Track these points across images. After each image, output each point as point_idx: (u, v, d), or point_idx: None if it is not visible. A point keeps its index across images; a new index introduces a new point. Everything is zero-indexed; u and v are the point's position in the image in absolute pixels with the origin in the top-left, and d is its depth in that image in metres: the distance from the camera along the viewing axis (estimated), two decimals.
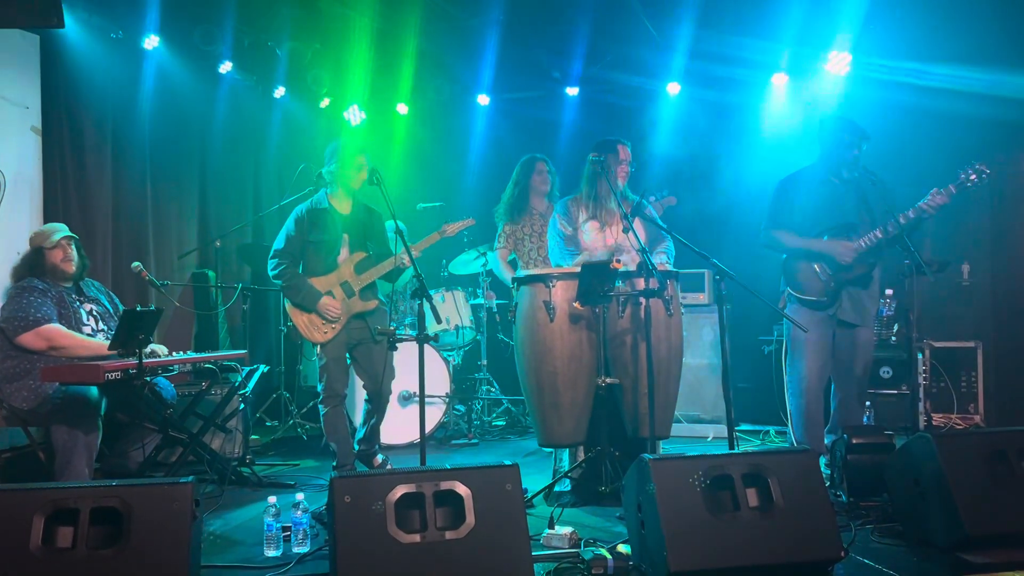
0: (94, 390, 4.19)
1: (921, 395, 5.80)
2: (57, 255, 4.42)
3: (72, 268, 4.47)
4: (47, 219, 5.25)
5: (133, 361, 4.01)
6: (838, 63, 6.49)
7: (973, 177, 4.22)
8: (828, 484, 4.19)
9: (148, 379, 4.21)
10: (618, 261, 3.94)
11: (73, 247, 4.49)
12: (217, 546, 3.64)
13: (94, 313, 4.55)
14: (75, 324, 4.36)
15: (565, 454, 4.51)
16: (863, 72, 6.42)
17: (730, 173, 6.90)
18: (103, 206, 5.76)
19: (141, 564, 2.69)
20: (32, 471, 4.47)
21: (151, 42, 5.94)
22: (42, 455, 4.42)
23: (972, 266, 6.51)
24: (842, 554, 3.01)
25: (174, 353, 4.62)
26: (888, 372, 5.95)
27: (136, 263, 5.00)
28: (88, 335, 4.38)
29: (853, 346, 4.64)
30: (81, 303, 4.52)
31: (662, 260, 4.49)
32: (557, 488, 4.30)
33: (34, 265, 4.41)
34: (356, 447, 4.93)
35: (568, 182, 5.79)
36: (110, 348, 4.15)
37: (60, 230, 4.48)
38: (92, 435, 4.18)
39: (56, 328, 4.22)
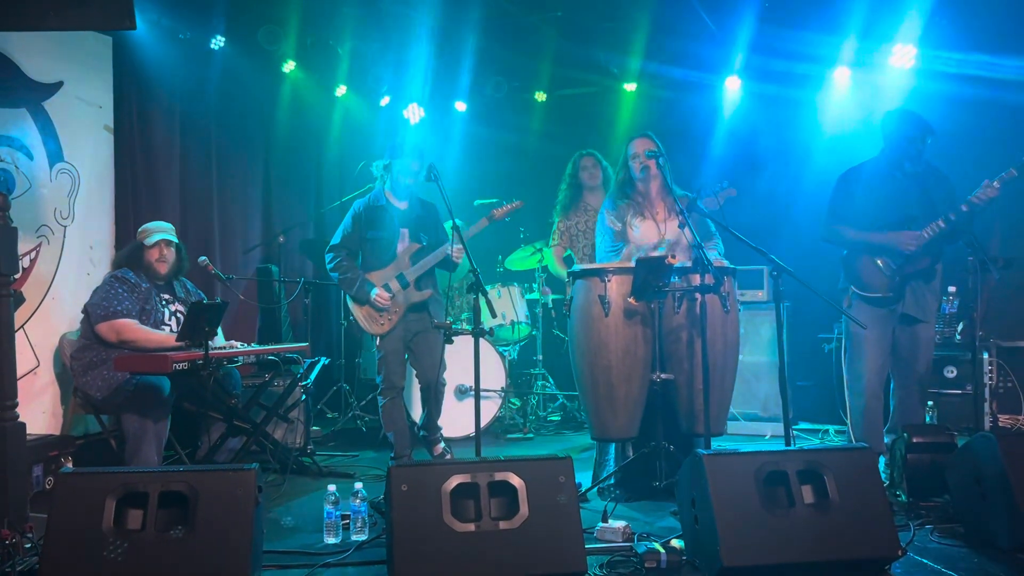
0: (164, 380, 4.34)
1: (987, 395, 5.66)
2: (153, 254, 4.64)
3: (164, 270, 4.67)
4: (118, 214, 5.44)
5: (200, 352, 4.15)
6: (903, 56, 6.35)
7: None
8: (888, 483, 4.15)
9: (213, 368, 4.34)
10: (673, 256, 3.93)
11: (173, 250, 4.70)
12: (278, 532, 3.74)
13: (177, 315, 4.72)
14: (154, 323, 4.54)
15: (611, 448, 4.51)
16: (929, 65, 6.27)
17: (790, 168, 6.81)
18: (171, 202, 5.93)
19: (206, 546, 2.79)
20: (104, 457, 4.65)
21: (217, 42, 6.10)
22: (113, 442, 4.60)
23: None
24: (900, 553, 2.97)
25: (238, 345, 4.76)
26: (952, 371, 5.82)
27: (203, 257, 5.16)
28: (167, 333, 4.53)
29: (914, 343, 4.56)
30: (167, 303, 4.70)
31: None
32: (611, 482, 4.31)
33: (132, 257, 4.65)
34: (421, 432, 5.05)
35: None
36: (177, 340, 4.29)
37: (162, 231, 4.69)
38: (161, 424, 4.33)
39: (128, 323, 4.38)
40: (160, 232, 4.66)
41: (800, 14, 6.32)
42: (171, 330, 4.60)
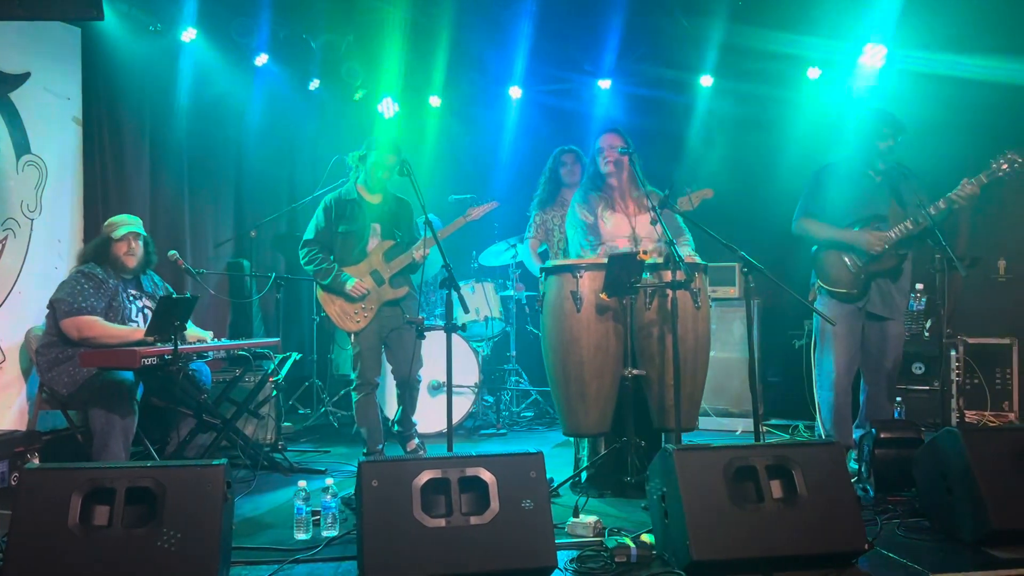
0: (130, 375, 4.29)
1: (954, 392, 5.74)
2: (121, 248, 4.53)
3: (133, 263, 4.58)
4: (87, 208, 5.38)
5: (169, 347, 4.10)
6: (873, 55, 6.41)
7: (1004, 166, 4.17)
8: (856, 478, 4.19)
9: (182, 363, 4.30)
10: (645, 252, 3.95)
11: (141, 243, 4.61)
12: (248, 529, 3.71)
13: (145, 311, 4.64)
14: (121, 319, 4.46)
15: (585, 443, 4.52)
16: (899, 64, 6.34)
17: (763, 166, 6.86)
18: (141, 195, 5.87)
19: (174, 543, 2.76)
20: (71, 454, 4.59)
21: (188, 34, 6.02)
22: (80, 438, 4.54)
23: (1008, 262, 6.42)
24: (866, 546, 3.00)
25: (208, 339, 4.72)
26: (920, 368, 5.89)
27: (172, 251, 5.11)
28: None
29: (883, 340, 4.61)
30: (135, 299, 4.62)
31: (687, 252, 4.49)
32: (582, 477, 4.33)
33: (99, 252, 4.54)
34: (395, 428, 5.04)
35: None
36: (147, 335, 4.24)
37: (130, 224, 4.59)
38: (128, 419, 4.28)
39: (91, 319, 4.30)
40: (128, 225, 4.59)
41: (772, 13, 6.36)
42: (139, 326, 4.54)
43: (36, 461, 4.22)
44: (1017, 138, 4.43)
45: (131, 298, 4.61)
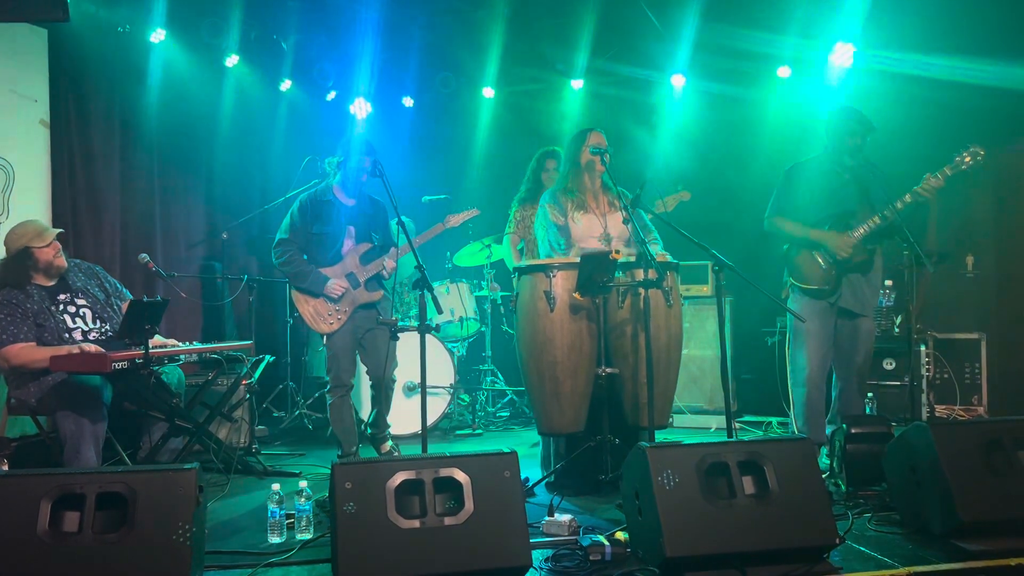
0: (98, 379, 4.22)
1: (924, 386, 5.81)
2: (48, 254, 4.29)
3: (65, 263, 4.37)
4: (55, 211, 5.31)
5: (140, 351, 4.06)
6: (842, 55, 6.48)
7: (968, 160, 4.23)
8: (828, 473, 4.23)
9: (155, 368, 4.24)
10: (617, 252, 3.96)
11: (59, 243, 4.38)
12: (221, 532, 3.69)
13: (81, 313, 4.41)
14: (59, 335, 4.25)
15: (561, 442, 4.52)
16: (867, 64, 6.41)
17: (734, 165, 6.90)
18: (111, 198, 5.81)
19: (146, 548, 2.73)
20: (41, 459, 4.52)
21: (158, 35, 5.98)
22: (50, 443, 4.48)
23: (976, 258, 6.50)
24: (838, 541, 3.03)
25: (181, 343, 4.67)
26: (891, 363, 5.95)
27: (143, 254, 5.05)
28: (79, 340, 4.28)
29: (854, 336, 4.65)
30: (66, 306, 4.37)
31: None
32: (556, 476, 4.34)
33: (17, 270, 4.26)
34: (368, 431, 5.02)
35: None
36: (118, 337, 4.18)
37: (48, 228, 4.36)
38: (99, 424, 4.21)
39: (14, 349, 4.10)
40: (48, 229, 4.35)
41: (743, 13, 6.42)
42: (82, 332, 4.36)
43: (5, 467, 4.16)
44: (981, 136, 4.49)
45: (61, 307, 4.35)
